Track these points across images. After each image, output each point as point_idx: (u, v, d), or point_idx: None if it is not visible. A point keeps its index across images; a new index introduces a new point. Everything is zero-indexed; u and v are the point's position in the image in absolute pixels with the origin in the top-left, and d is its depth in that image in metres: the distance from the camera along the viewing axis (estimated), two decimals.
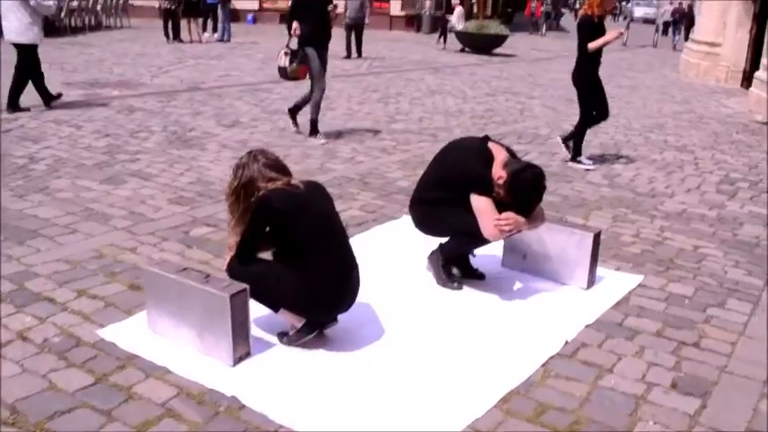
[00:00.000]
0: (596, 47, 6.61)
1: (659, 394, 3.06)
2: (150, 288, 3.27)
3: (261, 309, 3.30)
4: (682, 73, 17.07)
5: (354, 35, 16.57)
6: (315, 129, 7.65)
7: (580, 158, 7.06)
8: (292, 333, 3.25)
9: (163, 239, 4.55)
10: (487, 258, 4.30)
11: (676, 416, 2.91)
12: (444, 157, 3.97)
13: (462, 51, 20.02)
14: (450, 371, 3.13)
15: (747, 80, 13.67)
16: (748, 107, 11.52)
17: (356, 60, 16.17)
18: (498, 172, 3.66)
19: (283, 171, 3.20)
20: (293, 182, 3.17)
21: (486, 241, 3.76)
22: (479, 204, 3.66)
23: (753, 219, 5.65)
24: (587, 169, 6.91)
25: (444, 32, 20.88)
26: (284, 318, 3.25)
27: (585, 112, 6.94)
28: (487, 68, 16.31)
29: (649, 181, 6.67)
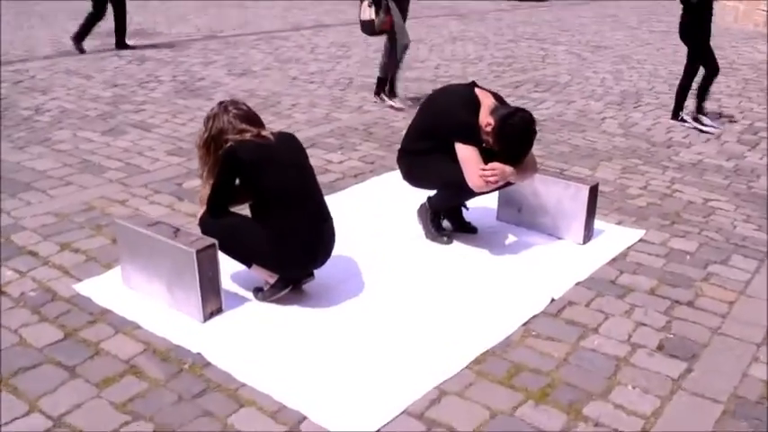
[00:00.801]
0: None
1: (643, 357, 2.91)
2: (123, 242, 3.22)
3: (238, 264, 3.23)
4: (718, 17, 16.28)
5: None
6: (392, 90, 6.94)
7: (683, 115, 6.50)
8: (266, 289, 3.17)
9: (155, 192, 4.50)
10: (482, 211, 4.16)
11: (658, 380, 2.76)
12: (429, 105, 3.77)
13: None
14: (426, 329, 3.03)
15: None
16: None
17: None
18: (486, 119, 3.46)
19: (254, 122, 3.08)
20: (264, 133, 3.05)
21: (473, 193, 3.58)
22: (464, 153, 3.48)
23: None
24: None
25: None
26: (257, 273, 3.17)
27: (693, 65, 6.40)
28: (515, 14, 15.77)
29: (667, 131, 6.38)
